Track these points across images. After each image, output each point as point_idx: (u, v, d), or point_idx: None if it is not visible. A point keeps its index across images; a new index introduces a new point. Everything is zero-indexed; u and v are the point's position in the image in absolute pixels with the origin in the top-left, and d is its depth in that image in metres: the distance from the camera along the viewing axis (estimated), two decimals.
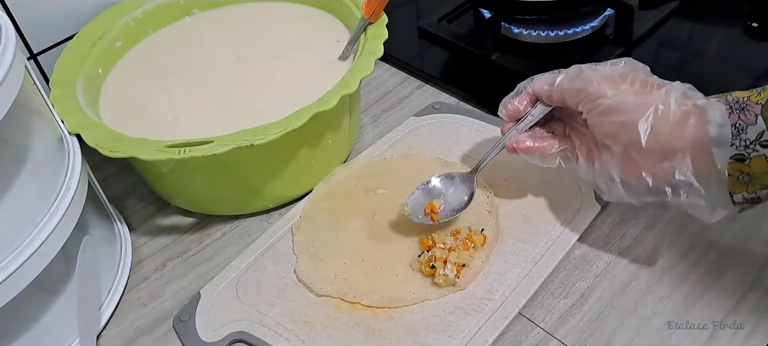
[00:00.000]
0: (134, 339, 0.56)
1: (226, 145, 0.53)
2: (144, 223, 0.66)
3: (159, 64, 0.69)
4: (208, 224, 0.65)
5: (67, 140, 0.55)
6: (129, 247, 0.62)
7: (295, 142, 0.60)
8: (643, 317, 0.52)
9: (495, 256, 0.56)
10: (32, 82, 0.53)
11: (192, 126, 0.61)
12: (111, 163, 0.69)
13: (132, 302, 0.59)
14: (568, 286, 0.55)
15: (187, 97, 0.65)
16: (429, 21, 0.87)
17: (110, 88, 0.66)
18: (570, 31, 0.79)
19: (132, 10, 0.71)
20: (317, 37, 0.70)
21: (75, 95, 0.60)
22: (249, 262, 0.59)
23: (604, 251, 0.57)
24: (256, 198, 0.63)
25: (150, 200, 0.68)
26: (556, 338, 0.52)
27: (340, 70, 0.62)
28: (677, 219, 0.59)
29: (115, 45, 0.69)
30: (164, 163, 0.60)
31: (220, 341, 0.53)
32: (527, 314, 0.54)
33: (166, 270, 0.61)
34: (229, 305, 0.56)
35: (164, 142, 0.54)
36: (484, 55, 0.80)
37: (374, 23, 0.65)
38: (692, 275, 0.55)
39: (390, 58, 0.81)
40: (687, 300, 0.53)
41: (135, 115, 0.63)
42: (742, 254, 0.55)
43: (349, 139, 0.68)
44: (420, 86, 0.78)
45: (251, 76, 0.67)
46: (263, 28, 0.73)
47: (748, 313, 0.51)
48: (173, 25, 0.74)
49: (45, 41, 0.69)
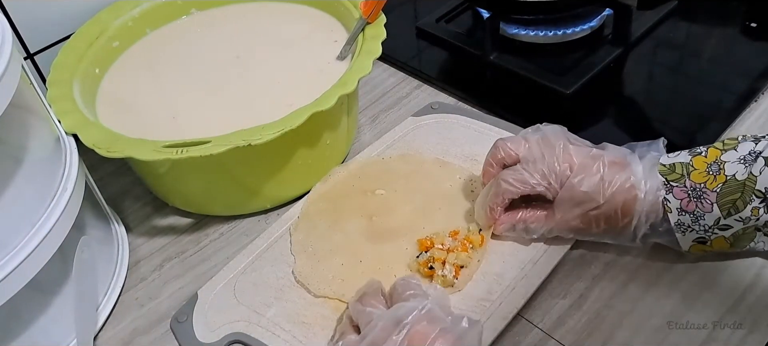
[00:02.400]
0: (131, 340, 0.56)
1: (223, 145, 0.53)
2: (141, 223, 0.66)
3: (156, 64, 0.69)
4: (206, 224, 0.65)
5: (63, 140, 0.55)
6: (126, 247, 0.62)
7: (292, 142, 0.60)
8: (641, 317, 0.52)
9: (494, 256, 0.56)
10: (29, 82, 0.52)
11: (189, 126, 0.61)
12: (108, 163, 0.69)
13: (129, 302, 0.59)
14: (567, 286, 0.55)
15: (184, 96, 0.65)
16: (427, 21, 0.86)
17: (107, 88, 0.66)
18: (568, 30, 0.79)
19: (129, 9, 0.71)
20: (315, 37, 0.70)
21: (72, 95, 0.60)
22: (247, 263, 0.59)
23: (602, 251, 0.57)
24: (253, 198, 0.63)
25: (147, 201, 0.68)
26: (554, 339, 0.52)
27: (338, 70, 0.62)
28: None
29: (112, 44, 0.69)
30: (161, 164, 0.59)
31: (218, 342, 0.53)
32: (526, 315, 0.53)
33: (164, 271, 0.61)
34: (227, 306, 0.56)
35: (161, 143, 0.54)
36: (482, 55, 0.80)
37: (372, 23, 0.65)
38: (690, 275, 0.55)
39: (388, 58, 0.81)
40: (685, 300, 0.53)
41: (132, 115, 0.63)
42: (739, 255, 0.55)
43: (347, 139, 0.68)
44: (418, 86, 0.78)
45: (249, 76, 0.67)
46: (261, 27, 0.73)
47: (746, 312, 0.51)
48: (171, 25, 0.73)
49: (42, 41, 0.69)
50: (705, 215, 0.50)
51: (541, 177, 0.53)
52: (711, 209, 0.49)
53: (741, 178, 0.49)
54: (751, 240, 0.51)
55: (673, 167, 0.51)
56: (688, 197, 0.50)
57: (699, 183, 0.50)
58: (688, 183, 0.50)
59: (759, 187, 0.48)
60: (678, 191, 0.50)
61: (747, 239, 0.50)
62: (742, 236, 0.50)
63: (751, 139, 0.50)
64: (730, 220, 0.49)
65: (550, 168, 0.53)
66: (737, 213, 0.49)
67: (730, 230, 0.50)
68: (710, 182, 0.50)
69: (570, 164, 0.53)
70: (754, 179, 0.48)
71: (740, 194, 0.48)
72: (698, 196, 0.50)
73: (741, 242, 0.51)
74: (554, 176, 0.53)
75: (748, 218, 0.49)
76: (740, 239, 0.51)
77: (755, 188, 0.48)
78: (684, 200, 0.50)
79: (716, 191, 0.49)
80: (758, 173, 0.48)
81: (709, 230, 0.50)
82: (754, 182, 0.48)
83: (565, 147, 0.53)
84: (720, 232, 0.50)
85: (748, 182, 0.48)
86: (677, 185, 0.50)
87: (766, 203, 0.48)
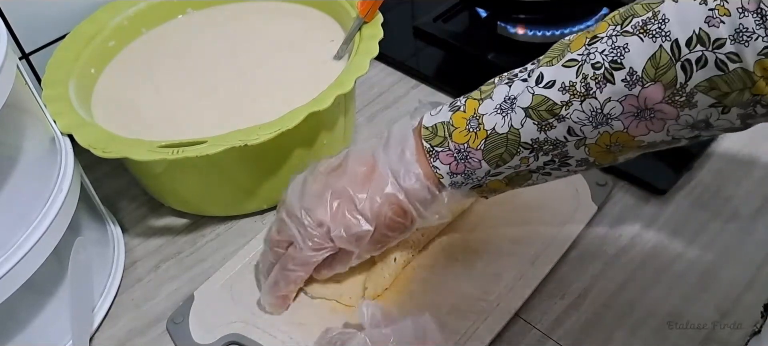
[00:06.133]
0: (127, 341, 0.55)
1: (219, 145, 0.53)
2: (137, 224, 0.66)
3: (152, 64, 0.69)
4: (202, 224, 0.65)
5: (59, 141, 0.55)
6: (122, 248, 0.62)
7: (289, 142, 0.59)
8: (640, 317, 0.52)
9: (491, 256, 0.56)
10: (24, 82, 0.52)
11: (185, 126, 0.61)
12: (104, 163, 0.68)
13: (125, 303, 0.58)
14: (565, 287, 0.55)
15: (180, 96, 0.65)
16: (424, 20, 0.86)
17: (103, 88, 0.66)
18: (566, 30, 0.79)
19: (125, 9, 0.70)
20: (312, 37, 0.70)
21: (67, 95, 0.60)
22: (243, 263, 0.59)
23: (601, 251, 0.57)
24: (250, 199, 0.63)
25: (143, 201, 0.68)
26: (552, 339, 0.52)
27: (335, 70, 0.62)
28: (673, 220, 0.59)
29: (108, 44, 0.69)
30: (157, 164, 0.59)
31: (214, 343, 0.53)
32: (524, 316, 0.53)
33: (160, 271, 0.61)
34: (224, 307, 0.55)
35: (157, 143, 0.54)
36: (479, 54, 0.80)
37: (369, 22, 0.65)
38: (689, 275, 0.55)
39: (385, 58, 0.81)
40: (684, 300, 0.53)
41: (128, 115, 0.62)
42: (738, 255, 0.55)
43: (344, 139, 0.68)
44: (415, 86, 0.78)
45: (245, 76, 0.66)
46: (257, 27, 0.73)
47: (745, 312, 0.51)
48: (167, 24, 0.73)
49: (37, 41, 0.68)
50: (475, 171, 0.47)
51: (314, 247, 0.50)
52: (479, 165, 0.47)
53: (502, 131, 0.46)
54: (526, 180, 0.49)
55: (436, 130, 0.48)
56: (455, 160, 0.48)
57: (462, 143, 0.47)
58: (452, 145, 0.47)
59: (525, 139, 0.45)
60: (444, 156, 0.48)
61: (522, 179, 0.49)
62: (515, 178, 0.48)
63: (505, 82, 0.47)
64: (501, 169, 0.47)
65: (308, 234, 0.50)
66: (505, 164, 0.47)
67: (502, 174, 0.48)
68: (473, 140, 0.47)
69: (320, 220, 0.50)
70: (517, 132, 0.45)
71: (505, 148, 0.46)
72: (464, 157, 0.47)
73: (517, 182, 0.49)
74: (319, 235, 0.50)
75: (517, 165, 0.47)
76: (515, 180, 0.49)
77: (520, 140, 0.45)
78: (452, 164, 0.48)
79: (480, 148, 0.47)
80: (520, 126, 0.45)
81: (481, 180, 0.48)
82: (517, 134, 0.45)
83: (306, 209, 0.50)
84: (493, 177, 0.48)
85: (510, 136, 0.45)
86: (442, 150, 0.48)
87: (534, 152, 0.46)
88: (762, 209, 0.59)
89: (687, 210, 0.60)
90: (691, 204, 0.60)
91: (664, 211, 0.60)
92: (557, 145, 0.45)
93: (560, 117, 0.43)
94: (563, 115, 0.43)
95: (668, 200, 0.61)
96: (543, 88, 0.44)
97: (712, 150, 0.64)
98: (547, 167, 0.47)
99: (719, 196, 0.60)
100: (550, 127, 0.44)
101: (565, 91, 0.43)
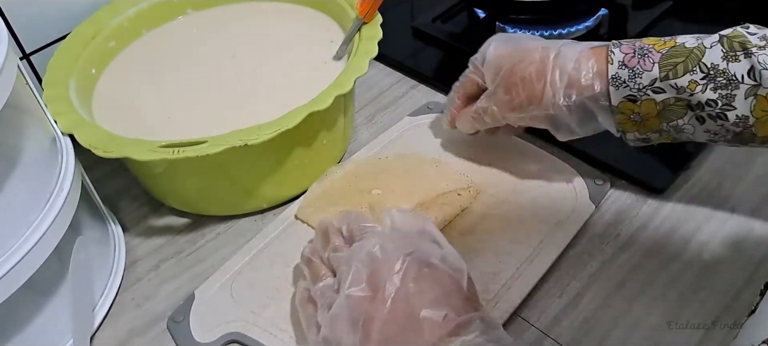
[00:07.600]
0: (128, 340, 0.56)
1: (219, 145, 0.53)
2: (138, 223, 0.66)
3: (152, 64, 0.69)
4: (203, 224, 0.65)
5: (60, 141, 0.55)
6: (122, 248, 0.62)
7: (289, 142, 0.60)
8: (637, 316, 0.52)
9: (490, 254, 0.56)
10: (25, 83, 0.52)
11: (186, 126, 0.61)
12: (104, 163, 0.68)
13: (126, 303, 0.58)
14: (563, 285, 0.55)
15: (180, 96, 0.65)
16: (423, 21, 0.86)
17: (103, 88, 0.66)
18: (564, 30, 0.79)
19: (125, 9, 0.71)
20: (311, 37, 0.70)
21: (68, 95, 0.60)
22: (243, 262, 0.59)
23: (599, 250, 0.57)
24: (250, 198, 0.63)
25: (144, 201, 0.68)
26: (550, 338, 0.52)
27: (335, 70, 0.62)
28: (672, 218, 0.59)
29: (108, 44, 0.69)
30: (158, 164, 0.59)
31: (215, 341, 0.53)
32: (522, 314, 0.54)
33: (160, 271, 0.61)
34: (224, 306, 0.56)
35: (158, 143, 0.54)
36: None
37: (369, 23, 0.65)
38: (686, 274, 0.55)
39: (384, 58, 0.81)
40: (681, 299, 0.53)
41: (128, 115, 0.63)
42: (735, 254, 0.56)
43: (344, 139, 0.68)
44: (414, 86, 0.78)
45: (245, 76, 0.67)
46: (257, 27, 0.73)
47: (743, 312, 0.51)
48: (167, 25, 0.73)
49: (38, 41, 0.68)
50: (643, 73, 0.50)
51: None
52: (651, 68, 0.50)
53: (690, 46, 0.49)
54: (679, 117, 0.50)
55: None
56: (633, 53, 0.51)
57: (648, 44, 0.51)
58: (638, 44, 0.51)
59: (705, 61, 0.48)
60: (625, 47, 0.51)
61: (676, 112, 0.50)
62: (672, 107, 0.50)
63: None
64: (665, 84, 0.49)
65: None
66: (675, 78, 0.49)
67: (662, 94, 0.50)
68: (659, 45, 0.51)
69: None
70: (703, 49, 0.48)
71: (684, 59, 0.49)
72: (643, 54, 0.50)
73: (668, 114, 0.51)
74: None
75: (684, 88, 0.49)
76: (669, 110, 0.50)
77: (701, 59, 0.48)
78: (628, 55, 0.51)
79: (662, 52, 0.50)
80: (708, 46, 0.48)
81: (642, 90, 0.50)
82: (702, 52, 0.48)
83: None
84: (653, 94, 0.50)
85: (695, 50, 0.49)
86: (627, 43, 0.52)
87: (706, 81, 0.48)
88: (760, 207, 0.59)
89: (685, 209, 0.60)
90: (689, 203, 0.60)
91: (662, 210, 0.60)
92: (731, 82, 0.47)
93: (749, 53, 0.47)
94: (752, 52, 0.47)
95: (666, 198, 0.61)
96: (743, 29, 0.48)
97: (710, 149, 0.64)
98: (707, 109, 0.48)
99: (717, 194, 0.61)
100: (735, 59, 0.47)
101: (764, 39, 0.47)
